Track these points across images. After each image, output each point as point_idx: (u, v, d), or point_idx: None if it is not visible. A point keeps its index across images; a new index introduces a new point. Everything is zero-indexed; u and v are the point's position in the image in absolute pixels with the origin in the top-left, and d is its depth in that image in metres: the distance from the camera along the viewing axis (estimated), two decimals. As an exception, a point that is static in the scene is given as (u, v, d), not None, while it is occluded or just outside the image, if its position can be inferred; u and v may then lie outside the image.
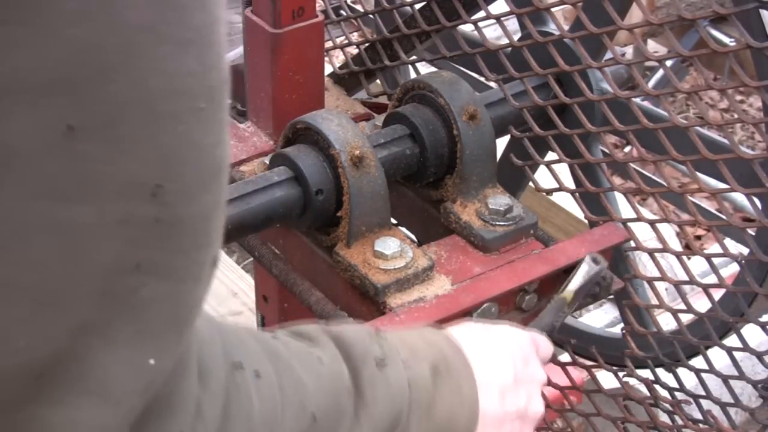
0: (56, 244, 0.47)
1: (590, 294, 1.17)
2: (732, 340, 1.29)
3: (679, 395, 1.37)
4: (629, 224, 1.32)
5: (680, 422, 1.34)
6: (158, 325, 0.53)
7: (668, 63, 2.16)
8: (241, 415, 0.63)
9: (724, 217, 1.28)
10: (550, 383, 1.49)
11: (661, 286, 1.36)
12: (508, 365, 0.91)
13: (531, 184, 1.46)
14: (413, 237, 1.33)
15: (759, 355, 1.25)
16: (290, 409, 0.68)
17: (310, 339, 0.74)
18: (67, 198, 0.47)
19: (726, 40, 2.47)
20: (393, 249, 1.18)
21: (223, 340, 0.64)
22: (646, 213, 1.72)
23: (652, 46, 3.09)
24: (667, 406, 1.36)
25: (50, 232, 0.47)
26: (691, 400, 1.35)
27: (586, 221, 1.42)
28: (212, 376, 0.61)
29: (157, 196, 0.49)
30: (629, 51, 2.63)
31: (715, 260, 1.29)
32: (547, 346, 1.00)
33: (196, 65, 0.48)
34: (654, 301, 1.39)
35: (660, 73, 2.88)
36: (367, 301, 1.19)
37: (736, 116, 1.64)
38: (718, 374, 1.31)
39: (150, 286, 0.51)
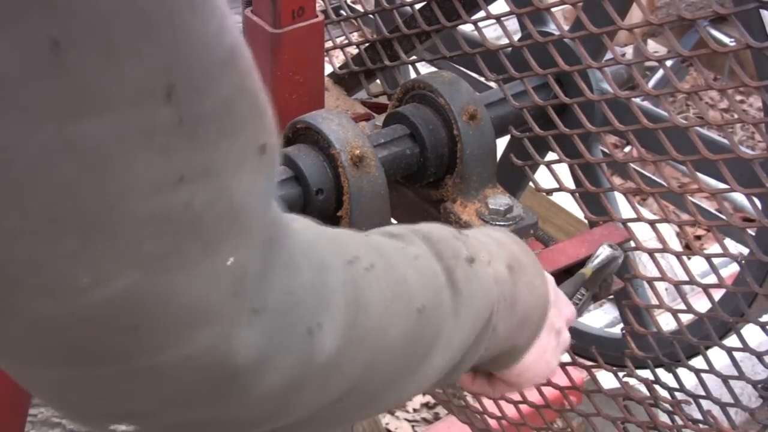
0: (80, 166, 0.46)
1: (604, 284, 1.18)
2: (732, 341, 1.29)
3: (679, 395, 1.37)
4: (629, 224, 1.32)
5: (680, 422, 1.34)
6: (223, 226, 0.51)
7: (668, 63, 2.16)
8: (364, 306, 0.63)
9: (724, 217, 1.28)
10: (549, 383, 1.49)
11: (661, 286, 1.36)
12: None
13: (531, 184, 1.46)
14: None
15: (759, 356, 1.25)
16: (400, 302, 0.67)
17: (401, 238, 0.73)
18: (75, 115, 0.46)
19: (726, 40, 2.47)
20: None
21: (330, 238, 0.64)
22: (646, 213, 1.72)
23: (653, 46, 3.09)
24: (667, 406, 1.36)
25: (69, 154, 0.46)
26: (691, 400, 1.35)
27: (586, 221, 1.42)
28: (330, 271, 0.61)
29: (172, 97, 0.48)
30: (629, 51, 2.63)
31: (715, 260, 1.29)
32: (573, 316, 1.00)
33: None
34: (654, 301, 1.38)
35: (660, 73, 2.88)
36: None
37: (736, 116, 1.64)
38: (718, 374, 1.31)
39: (200, 193, 0.50)
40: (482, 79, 1.51)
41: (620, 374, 1.42)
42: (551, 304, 0.89)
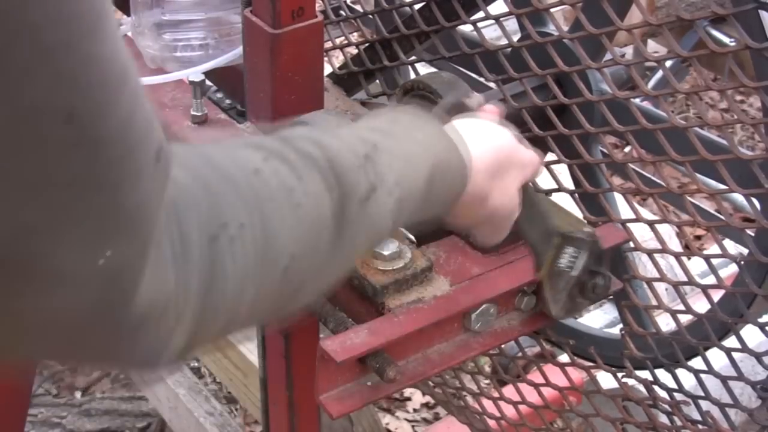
0: None
1: (601, 282, 1.16)
2: (731, 341, 1.29)
3: (678, 396, 1.36)
4: (628, 225, 1.32)
5: (679, 423, 1.34)
6: (106, 228, 0.55)
7: (667, 64, 2.16)
8: (220, 284, 0.65)
9: (723, 217, 1.28)
10: (548, 383, 1.49)
11: (660, 286, 1.36)
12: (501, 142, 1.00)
13: (530, 184, 1.46)
14: (412, 237, 1.33)
15: (758, 356, 1.25)
16: (265, 263, 0.70)
17: (299, 176, 0.74)
18: None
19: (726, 40, 2.47)
20: (392, 250, 1.18)
21: (210, 194, 0.66)
22: (645, 213, 1.72)
23: (653, 47, 3.09)
24: (666, 406, 1.36)
25: None
26: (690, 400, 1.35)
27: (586, 222, 1.42)
28: (192, 245, 0.63)
29: (73, 119, 0.51)
30: (629, 52, 2.63)
31: (714, 261, 1.29)
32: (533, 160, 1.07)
33: None
34: (653, 301, 1.38)
35: (660, 73, 2.88)
36: (365, 301, 1.18)
37: (735, 117, 1.64)
38: (717, 375, 1.31)
39: (86, 199, 0.53)
40: (481, 79, 1.51)
41: (619, 375, 1.42)
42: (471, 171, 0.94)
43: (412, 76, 1.48)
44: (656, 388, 1.38)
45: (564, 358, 1.54)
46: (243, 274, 0.67)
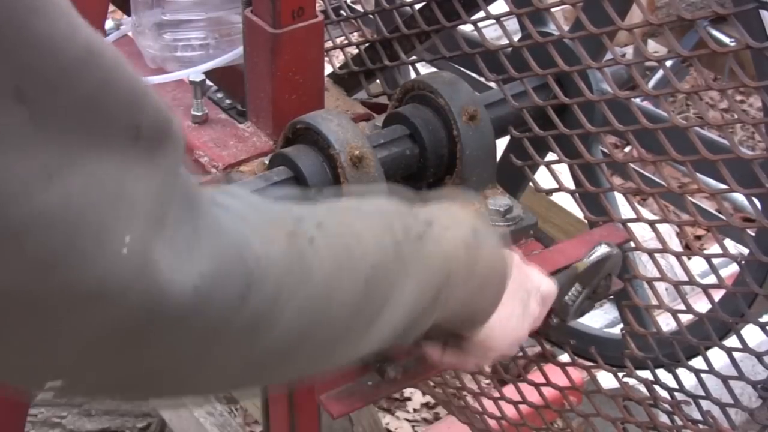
0: None
1: (602, 282, 1.18)
2: (732, 341, 1.29)
3: (678, 396, 1.36)
4: (629, 224, 1.32)
5: (680, 423, 1.34)
6: (107, 214, 0.53)
7: (668, 63, 2.16)
8: (307, 276, 0.65)
9: (723, 217, 1.28)
10: (549, 383, 1.49)
11: (660, 286, 1.36)
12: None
13: (531, 184, 1.46)
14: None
15: (759, 356, 1.25)
16: (347, 267, 0.69)
17: (353, 203, 0.75)
18: None
19: (726, 40, 2.47)
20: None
21: (269, 208, 0.66)
22: (645, 213, 1.72)
23: (653, 47, 3.09)
24: (667, 406, 1.36)
25: None
26: (691, 400, 1.35)
27: (586, 221, 1.42)
28: (272, 241, 0.63)
29: (22, 97, 0.50)
30: (629, 51, 2.63)
31: (715, 260, 1.29)
32: (551, 293, 1.06)
33: None
34: (654, 301, 1.38)
35: (660, 73, 2.88)
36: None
37: (736, 116, 1.64)
38: (717, 375, 1.31)
39: (75, 188, 0.52)
40: (482, 79, 1.51)
41: (620, 375, 1.42)
42: (511, 269, 0.93)
43: (413, 75, 1.48)
44: (657, 387, 1.38)
45: (564, 357, 1.54)
46: (329, 272, 0.66)
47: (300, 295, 0.65)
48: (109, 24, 1.56)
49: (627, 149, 2.99)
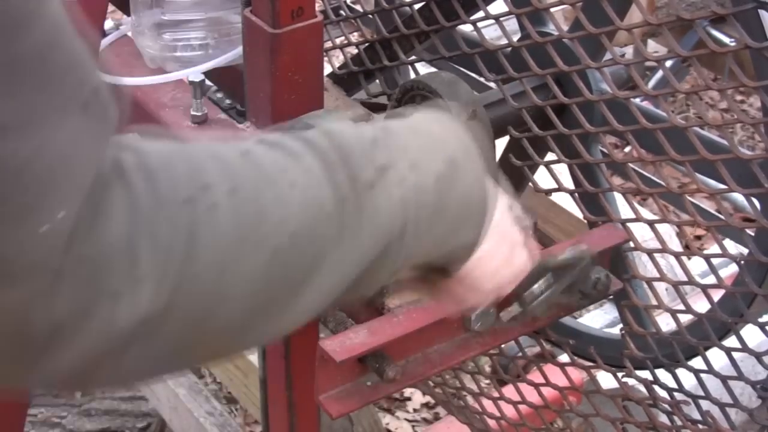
0: None
1: (579, 285, 1.18)
2: (731, 341, 1.29)
3: (678, 396, 1.36)
4: (628, 225, 1.32)
5: (679, 423, 1.34)
6: (45, 180, 0.53)
7: (668, 63, 2.16)
8: (193, 252, 0.61)
9: (723, 217, 1.28)
10: (548, 383, 1.49)
11: (660, 286, 1.36)
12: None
13: (530, 184, 1.46)
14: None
15: (758, 356, 1.25)
16: (251, 239, 0.65)
17: (293, 156, 0.70)
18: None
19: (726, 40, 2.47)
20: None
21: (185, 160, 0.63)
22: (645, 213, 1.72)
23: (652, 47, 3.09)
24: (666, 406, 1.36)
25: None
26: (690, 400, 1.35)
27: (586, 222, 1.42)
28: (169, 201, 0.60)
29: None
30: (629, 51, 2.63)
31: (715, 261, 1.29)
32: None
33: None
34: (653, 301, 1.38)
35: (660, 73, 2.88)
36: (365, 301, 1.18)
37: (735, 116, 1.64)
38: (717, 375, 1.31)
39: (22, 146, 0.51)
40: (481, 79, 1.51)
41: (619, 375, 1.42)
42: (494, 203, 0.87)
43: (412, 75, 1.48)
44: (656, 387, 1.38)
45: (564, 358, 1.54)
46: (224, 247, 0.63)
47: (187, 275, 0.61)
48: (108, 24, 1.56)
49: (626, 149, 2.99)
